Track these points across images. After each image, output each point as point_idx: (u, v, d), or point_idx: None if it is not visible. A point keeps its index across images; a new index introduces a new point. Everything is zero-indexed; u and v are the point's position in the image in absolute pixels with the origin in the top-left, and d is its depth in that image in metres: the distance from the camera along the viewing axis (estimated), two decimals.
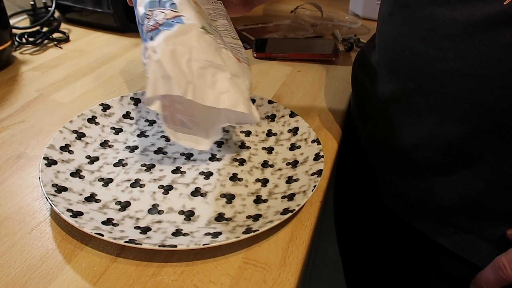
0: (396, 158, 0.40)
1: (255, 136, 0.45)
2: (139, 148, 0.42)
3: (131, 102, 0.48)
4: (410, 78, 0.34)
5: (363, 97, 0.45)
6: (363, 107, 0.46)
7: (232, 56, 0.35)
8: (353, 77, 0.51)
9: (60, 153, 0.38)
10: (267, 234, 0.33)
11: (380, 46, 0.40)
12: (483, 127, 0.31)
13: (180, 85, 0.30)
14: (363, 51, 0.49)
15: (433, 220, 0.39)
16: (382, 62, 0.40)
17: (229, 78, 0.32)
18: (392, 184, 0.41)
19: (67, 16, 0.74)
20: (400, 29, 0.35)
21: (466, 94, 0.30)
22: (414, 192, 0.39)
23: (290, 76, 0.60)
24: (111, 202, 0.35)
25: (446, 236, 0.38)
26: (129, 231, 0.31)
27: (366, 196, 0.50)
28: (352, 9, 0.89)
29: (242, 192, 0.37)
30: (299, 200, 0.34)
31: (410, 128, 0.36)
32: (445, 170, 0.35)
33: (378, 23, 0.42)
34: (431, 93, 0.33)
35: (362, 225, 0.53)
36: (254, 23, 0.80)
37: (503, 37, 0.27)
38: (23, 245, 0.31)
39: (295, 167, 0.40)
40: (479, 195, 0.34)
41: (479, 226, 0.36)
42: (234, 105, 0.32)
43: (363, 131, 0.46)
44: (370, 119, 0.44)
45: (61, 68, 0.59)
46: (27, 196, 0.36)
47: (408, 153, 0.37)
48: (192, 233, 0.32)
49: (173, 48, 0.30)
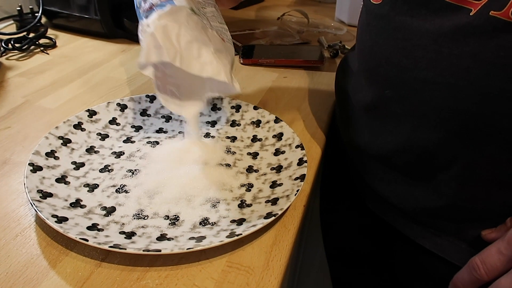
0: (377, 163, 0.41)
1: (240, 142, 0.46)
2: (125, 154, 0.42)
3: (117, 108, 0.48)
4: (387, 86, 0.35)
5: (345, 104, 0.46)
6: (345, 113, 0.47)
7: (217, 35, 0.38)
8: (336, 84, 0.52)
9: (46, 159, 0.39)
10: (250, 238, 0.34)
11: (359, 55, 0.41)
12: (456, 132, 0.32)
13: (170, 54, 0.34)
14: (345, 59, 0.51)
15: (414, 222, 0.40)
16: (361, 70, 0.41)
17: (212, 52, 0.36)
18: (374, 188, 0.43)
19: (54, 22, 0.74)
20: (376, 38, 0.36)
21: (439, 102, 0.31)
22: (395, 195, 0.40)
23: (276, 82, 0.61)
24: (96, 207, 0.35)
25: (427, 238, 0.39)
26: (114, 236, 0.32)
27: (351, 199, 0.51)
28: (338, 16, 0.90)
29: (227, 197, 0.38)
30: (282, 204, 0.35)
31: (389, 134, 0.37)
32: (424, 174, 0.36)
33: (357, 32, 0.43)
34: (406, 101, 0.34)
35: (346, 227, 0.54)
36: (241, 30, 0.81)
37: (470, 46, 0.29)
38: (7, 251, 0.32)
39: (279, 172, 0.40)
40: (455, 198, 0.35)
41: (458, 228, 0.37)
42: (216, 74, 0.36)
43: (345, 137, 0.47)
44: (351, 125, 0.45)
45: (47, 74, 0.59)
46: (12, 202, 0.36)
47: (388, 158, 0.39)
48: (177, 237, 0.32)
49: (165, 24, 0.34)
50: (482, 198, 0.34)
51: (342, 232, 0.55)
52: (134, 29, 0.71)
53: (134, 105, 0.49)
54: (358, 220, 0.51)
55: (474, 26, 0.28)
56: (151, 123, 0.48)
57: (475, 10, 0.28)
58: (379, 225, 0.45)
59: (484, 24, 0.28)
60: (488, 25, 0.28)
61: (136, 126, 0.47)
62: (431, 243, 0.39)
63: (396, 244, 0.44)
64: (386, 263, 0.47)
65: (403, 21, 0.32)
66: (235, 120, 0.49)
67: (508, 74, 0.28)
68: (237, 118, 0.49)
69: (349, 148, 0.47)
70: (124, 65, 0.63)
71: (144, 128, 0.47)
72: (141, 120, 0.48)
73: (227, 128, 0.48)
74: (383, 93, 0.36)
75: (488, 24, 0.28)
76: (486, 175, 0.33)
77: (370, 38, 0.37)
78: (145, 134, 0.46)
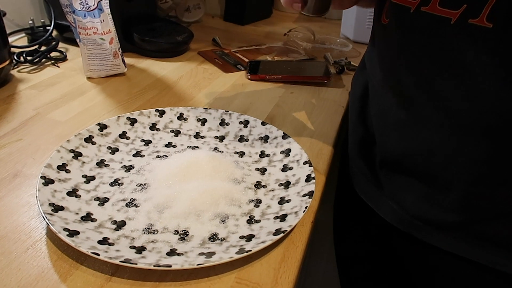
0: (401, 173, 0.41)
1: (248, 157, 0.46)
2: (135, 168, 0.43)
3: (127, 122, 0.49)
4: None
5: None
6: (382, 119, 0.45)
7: None
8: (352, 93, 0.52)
9: (57, 172, 0.39)
10: (259, 254, 0.34)
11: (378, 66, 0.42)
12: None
13: None
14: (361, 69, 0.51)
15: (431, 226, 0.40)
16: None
17: None
18: (393, 198, 0.42)
19: (64, 36, 0.76)
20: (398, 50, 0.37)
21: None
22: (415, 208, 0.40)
23: (283, 97, 0.62)
24: (106, 221, 0.36)
25: (443, 240, 0.39)
26: (125, 251, 0.32)
27: (363, 211, 0.50)
28: (343, 33, 0.92)
29: (236, 212, 0.38)
30: (291, 221, 0.35)
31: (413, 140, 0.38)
32: (443, 182, 0.37)
33: (375, 43, 0.43)
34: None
35: (360, 242, 0.53)
36: (247, 45, 0.82)
37: None
38: (18, 264, 0.32)
39: (287, 188, 0.41)
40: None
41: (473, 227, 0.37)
42: None
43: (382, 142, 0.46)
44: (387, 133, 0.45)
45: (58, 86, 0.60)
46: (23, 214, 0.37)
47: (416, 164, 0.39)
48: (187, 253, 0.33)
49: None
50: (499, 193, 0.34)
51: (354, 245, 0.55)
52: (143, 43, 0.72)
53: (143, 119, 0.50)
54: (371, 234, 0.51)
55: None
56: (160, 137, 0.49)
57: None
58: (390, 233, 0.45)
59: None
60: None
61: (145, 140, 0.48)
62: (448, 245, 0.39)
63: (410, 250, 0.44)
64: (400, 269, 0.46)
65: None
66: (243, 135, 0.49)
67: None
68: (245, 134, 0.49)
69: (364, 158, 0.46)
70: (133, 79, 0.64)
71: (153, 142, 0.48)
72: (151, 134, 0.49)
73: (235, 143, 0.49)
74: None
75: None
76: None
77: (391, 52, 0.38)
78: (154, 148, 0.47)
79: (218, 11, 1.04)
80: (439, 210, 0.38)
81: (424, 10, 0.33)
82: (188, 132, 0.50)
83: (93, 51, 0.60)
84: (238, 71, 0.70)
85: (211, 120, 0.51)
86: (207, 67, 0.71)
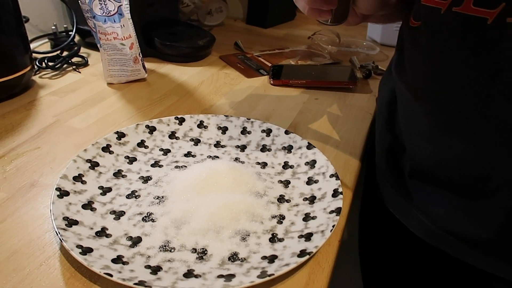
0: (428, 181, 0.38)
1: (271, 168, 0.44)
2: (152, 179, 0.41)
3: (146, 130, 0.47)
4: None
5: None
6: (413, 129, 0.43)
7: None
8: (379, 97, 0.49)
9: (73, 184, 0.38)
10: (282, 277, 0.32)
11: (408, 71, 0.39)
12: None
13: None
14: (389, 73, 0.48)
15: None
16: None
17: None
18: (422, 211, 0.40)
19: (86, 41, 0.76)
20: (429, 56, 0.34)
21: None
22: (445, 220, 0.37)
23: (307, 104, 0.59)
24: (122, 237, 0.34)
25: (478, 257, 0.36)
26: (139, 271, 0.30)
27: (390, 223, 0.47)
28: (370, 35, 0.88)
29: (257, 229, 0.35)
30: (317, 241, 0.33)
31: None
32: (480, 195, 0.34)
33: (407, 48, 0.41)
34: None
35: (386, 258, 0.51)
36: (270, 49, 0.80)
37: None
38: (30, 281, 0.31)
39: (313, 203, 0.38)
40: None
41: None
42: None
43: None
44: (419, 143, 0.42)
45: (78, 92, 0.59)
46: (38, 227, 0.35)
47: (448, 176, 0.36)
48: (205, 274, 0.31)
49: None
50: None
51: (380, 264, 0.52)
52: (164, 48, 0.71)
53: (162, 127, 0.48)
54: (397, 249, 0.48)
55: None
56: (179, 146, 0.47)
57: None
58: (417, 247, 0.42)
59: None
60: None
61: (164, 149, 0.46)
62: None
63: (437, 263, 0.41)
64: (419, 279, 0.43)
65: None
66: (266, 145, 0.47)
67: None
68: (267, 143, 0.47)
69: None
70: (154, 85, 0.63)
71: (172, 152, 0.46)
72: (170, 143, 0.47)
73: (257, 153, 0.46)
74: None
75: None
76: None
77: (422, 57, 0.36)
78: (173, 158, 0.45)
79: (240, 14, 1.03)
80: (475, 225, 0.35)
81: (456, 10, 0.30)
82: (208, 141, 0.48)
83: (114, 56, 0.60)
84: (260, 76, 0.68)
85: (232, 128, 0.49)
86: (228, 72, 0.69)
